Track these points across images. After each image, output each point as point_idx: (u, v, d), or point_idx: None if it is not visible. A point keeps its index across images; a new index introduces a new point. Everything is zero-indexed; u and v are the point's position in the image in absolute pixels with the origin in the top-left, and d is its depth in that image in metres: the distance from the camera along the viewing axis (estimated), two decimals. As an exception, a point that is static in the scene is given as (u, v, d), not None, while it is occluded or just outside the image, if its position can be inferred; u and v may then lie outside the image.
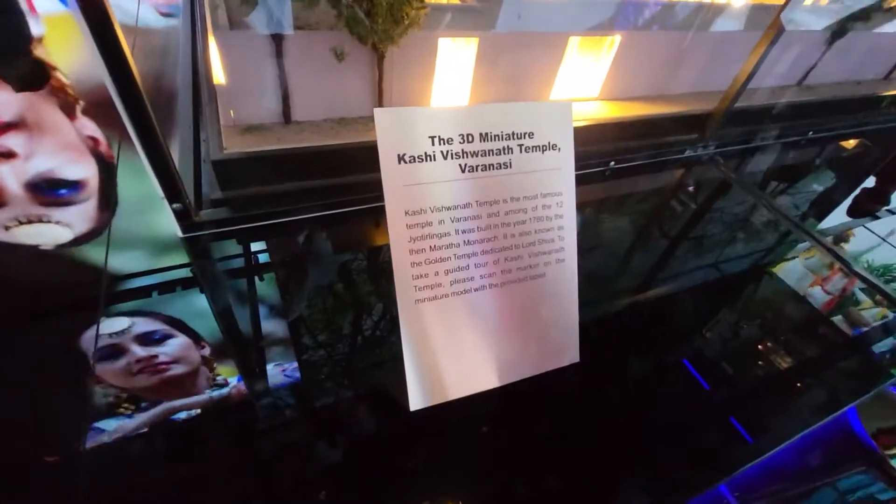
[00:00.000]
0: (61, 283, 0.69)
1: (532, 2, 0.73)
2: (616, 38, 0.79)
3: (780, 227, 0.90)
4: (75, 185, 0.63)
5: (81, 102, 0.60)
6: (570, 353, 0.47)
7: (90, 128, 0.62)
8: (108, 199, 0.66)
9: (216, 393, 0.60)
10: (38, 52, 0.56)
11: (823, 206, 1.05)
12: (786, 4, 0.76)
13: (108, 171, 0.65)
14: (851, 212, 1.04)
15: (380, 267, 0.65)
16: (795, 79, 1.12)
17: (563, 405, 0.56)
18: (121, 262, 0.65)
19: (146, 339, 0.62)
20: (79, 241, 0.67)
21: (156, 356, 0.62)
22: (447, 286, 0.40)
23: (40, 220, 0.63)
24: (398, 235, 0.38)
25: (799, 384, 0.68)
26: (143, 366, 0.61)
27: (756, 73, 0.84)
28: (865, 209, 1.05)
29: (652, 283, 0.76)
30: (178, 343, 0.63)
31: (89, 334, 0.60)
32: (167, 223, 0.57)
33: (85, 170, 0.63)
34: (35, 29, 0.55)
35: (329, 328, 0.60)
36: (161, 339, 0.63)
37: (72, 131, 0.61)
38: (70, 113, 0.60)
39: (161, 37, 0.74)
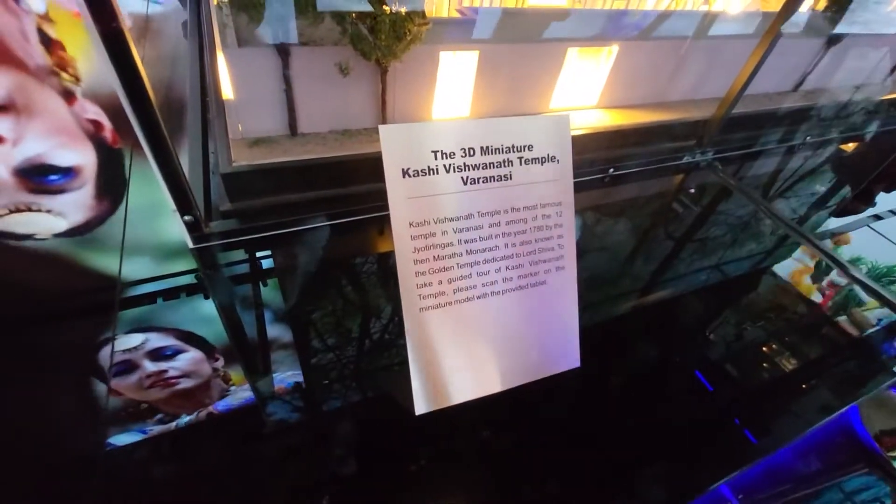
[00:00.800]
0: (70, 288, 0.68)
1: (530, 13, 0.75)
2: (613, 48, 0.81)
3: (778, 231, 0.91)
4: (68, 172, 0.60)
5: (82, 84, 0.58)
6: (570, 358, 0.48)
7: (92, 111, 0.59)
8: (106, 187, 0.63)
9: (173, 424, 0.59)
10: (45, 28, 0.54)
11: (821, 208, 1.06)
12: (783, 10, 0.77)
13: (109, 157, 0.62)
14: (838, 213, 1.05)
15: (385, 275, 0.66)
16: (792, 84, 1.12)
17: (565, 408, 0.57)
18: (128, 268, 0.66)
19: (158, 354, 0.62)
20: (75, 231, 0.64)
21: (165, 371, 0.61)
22: (450, 294, 0.41)
23: (29, 209, 0.60)
24: (403, 246, 0.39)
25: (803, 385, 0.68)
26: (154, 380, 0.61)
27: (753, 79, 0.85)
28: (851, 210, 1.06)
29: (652, 287, 0.77)
30: (189, 357, 0.63)
31: (106, 350, 0.60)
32: (173, 229, 0.57)
33: (79, 156, 0.60)
34: (37, 4, 0.53)
35: (335, 334, 0.61)
36: (172, 354, 0.63)
37: (66, 114, 0.58)
38: (68, 95, 0.58)
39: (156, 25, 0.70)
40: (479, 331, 0.43)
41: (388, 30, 0.55)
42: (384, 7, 0.55)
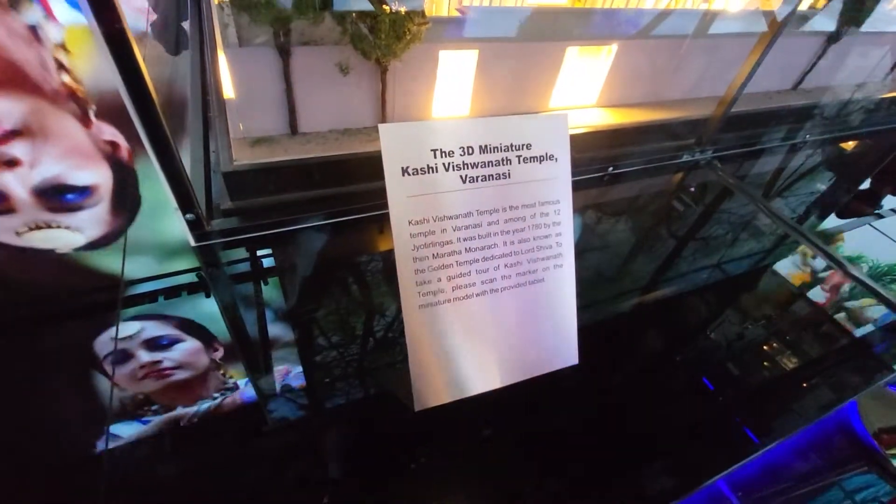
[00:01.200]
0: (74, 287, 0.70)
1: (529, 12, 0.75)
2: (613, 47, 0.81)
3: (777, 230, 0.91)
4: (84, 190, 0.63)
5: (94, 107, 0.61)
6: (568, 356, 0.48)
7: (109, 132, 0.63)
8: (122, 203, 0.66)
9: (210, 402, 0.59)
10: (60, 57, 0.57)
11: (820, 207, 1.06)
12: (789, 14, 0.77)
13: (124, 175, 0.65)
14: (842, 213, 1.05)
15: (385, 272, 0.66)
16: (792, 82, 1.13)
17: (564, 405, 0.57)
18: (130, 267, 0.67)
19: (153, 344, 0.62)
20: (94, 245, 0.67)
21: (160, 361, 0.62)
22: (449, 292, 0.42)
23: (49, 226, 0.63)
24: (402, 244, 0.39)
25: (803, 384, 0.68)
26: (148, 371, 0.61)
27: (752, 77, 0.85)
28: (856, 211, 1.06)
29: (651, 286, 0.77)
30: (185, 348, 0.63)
31: (101, 338, 0.61)
32: (174, 228, 0.57)
33: (95, 175, 0.64)
34: (55, 35, 0.56)
35: (336, 332, 0.61)
36: (169, 344, 0.63)
37: (82, 136, 0.61)
38: (84, 118, 0.61)
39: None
40: (477, 328, 0.43)
41: (388, 29, 0.55)
42: (384, 6, 0.55)
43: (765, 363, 0.70)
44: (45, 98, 0.58)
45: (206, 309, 0.64)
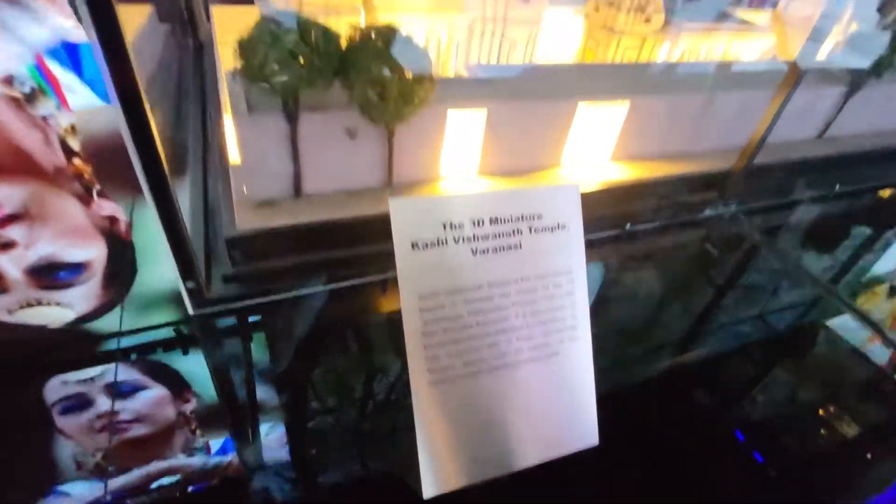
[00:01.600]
0: (46, 346, 0.67)
1: (538, 69, 0.75)
2: (626, 102, 0.80)
3: (812, 288, 0.87)
4: (77, 268, 0.63)
5: (98, 186, 0.61)
6: (588, 436, 0.46)
7: (109, 208, 0.63)
8: (115, 277, 0.66)
9: (200, 461, 0.55)
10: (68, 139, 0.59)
11: (859, 263, 1.01)
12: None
13: (120, 248, 0.65)
14: None
15: (390, 341, 0.64)
16: (817, 131, 1.10)
17: (588, 483, 0.53)
18: (101, 321, 0.65)
19: (113, 390, 0.58)
20: (84, 319, 0.66)
21: (117, 413, 0.57)
22: (460, 368, 0.40)
23: (39, 304, 0.62)
24: (411, 319, 0.38)
25: (866, 455, 0.63)
26: (105, 423, 0.57)
27: (774, 126, 0.83)
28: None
29: (682, 348, 0.73)
30: (149, 396, 0.58)
31: (51, 383, 0.58)
32: (151, 277, 0.59)
33: (89, 251, 0.63)
34: (65, 120, 0.58)
35: (339, 402, 0.59)
36: (130, 391, 0.58)
37: (80, 215, 0.62)
38: (86, 197, 0.62)
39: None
40: (490, 406, 0.42)
41: (397, 96, 0.56)
42: (393, 72, 0.56)
43: (820, 431, 0.65)
44: (48, 181, 0.59)
45: (184, 368, 0.61)
